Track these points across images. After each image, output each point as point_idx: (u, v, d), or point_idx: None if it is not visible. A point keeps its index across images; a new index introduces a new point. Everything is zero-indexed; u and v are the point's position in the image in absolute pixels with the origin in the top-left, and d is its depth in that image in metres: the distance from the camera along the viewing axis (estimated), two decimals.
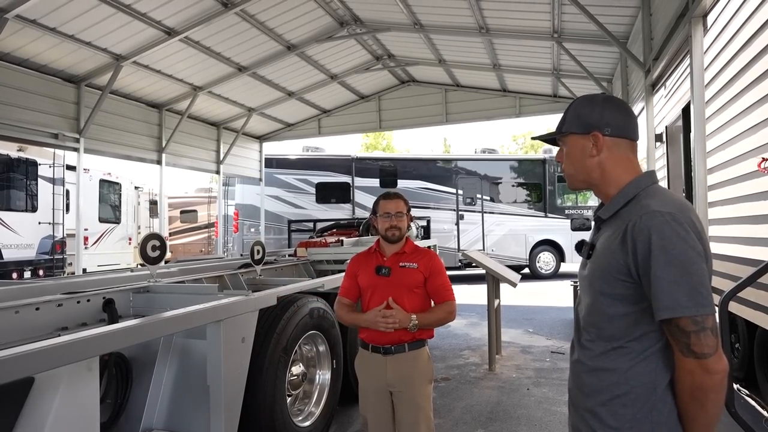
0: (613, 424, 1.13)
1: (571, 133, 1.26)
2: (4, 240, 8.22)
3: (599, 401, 1.16)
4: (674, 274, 1.03)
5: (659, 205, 1.10)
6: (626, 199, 1.18)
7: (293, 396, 3.23)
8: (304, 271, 5.38)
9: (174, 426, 2.69)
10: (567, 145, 1.28)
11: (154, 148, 8.96)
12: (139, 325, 2.09)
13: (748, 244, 3.60)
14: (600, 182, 1.24)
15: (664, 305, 1.04)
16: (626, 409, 1.12)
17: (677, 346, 1.05)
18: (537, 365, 5.27)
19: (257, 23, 7.33)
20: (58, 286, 3.21)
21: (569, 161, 1.28)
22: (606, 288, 1.15)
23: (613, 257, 1.13)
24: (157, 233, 3.36)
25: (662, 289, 1.04)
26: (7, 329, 2.42)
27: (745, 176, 3.63)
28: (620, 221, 1.15)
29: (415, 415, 2.23)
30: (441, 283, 2.34)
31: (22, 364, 1.58)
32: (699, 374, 1.03)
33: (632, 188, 1.19)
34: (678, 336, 1.04)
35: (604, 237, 1.20)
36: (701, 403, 1.06)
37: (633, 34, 6.27)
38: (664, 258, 1.04)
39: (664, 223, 1.06)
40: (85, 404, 2.02)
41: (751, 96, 3.48)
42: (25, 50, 6.49)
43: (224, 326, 2.49)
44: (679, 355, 1.05)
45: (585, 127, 1.23)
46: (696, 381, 1.04)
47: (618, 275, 1.12)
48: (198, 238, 16.65)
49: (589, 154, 1.23)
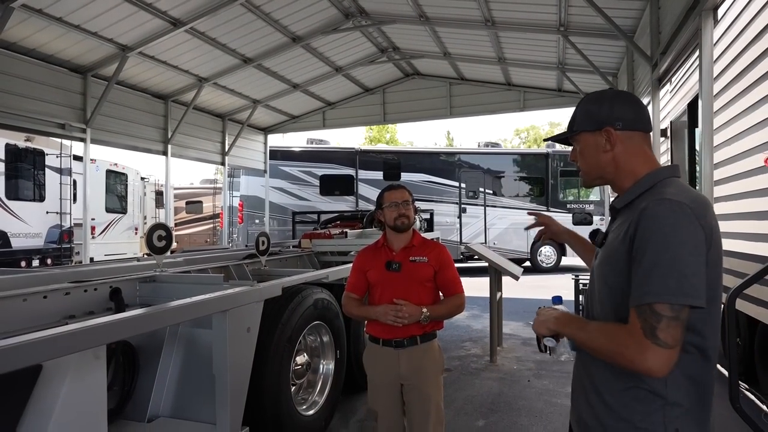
0: (625, 416, 1.10)
1: (583, 131, 1.25)
2: (12, 229, 8.25)
3: (611, 393, 1.13)
4: (677, 258, 0.99)
5: (673, 194, 1.07)
6: (642, 190, 1.15)
7: (297, 385, 3.24)
8: (309, 262, 5.37)
9: (180, 413, 2.70)
10: (580, 144, 1.27)
11: (159, 139, 8.94)
12: (146, 315, 2.09)
13: (754, 240, 3.56)
14: (615, 177, 1.23)
15: (652, 290, 0.99)
16: (638, 402, 1.09)
17: (641, 326, 0.99)
18: (538, 357, 5.27)
19: (263, 14, 7.27)
20: (66, 275, 3.21)
21: (583, 159, 1.27)
22: (612, 276, 1.13)
23: (621, 245, 1.11)
24: (163, 223, 3.35)
25: (655, 273, 1.00)
26: (15, 317, 2.42)
27: (751, 172, 3.58)
28: (633, 209, 1.13)
29: (426, 405, 2.22)
30: (451, 277, 2.32)
31: (30, 351, 1.58)
32: (644, 357, 0.98)
33: (649, 179, 1.16)
34: (648, 317, 0.99)
35: (616, 226, 1.19)
36: (611, 358, 1.06)
37: (640, 27, 6.19)
38: (663, 243, 1.01)
39: (671, 210, 1.03)
40: (92, 391, 2.02)
41: (760, 90, 3.43)
42: (32, 40, 6.45)
43: (230, 316, 2.49)
44: (638, 332, 1.00)
45: (596, 123, 1.22)
46: (635, 359, 0.99)
47: (623, 263, 1.09)
48: (203, 228, 16.69)
49: (602, 149, 1.21)
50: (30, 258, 8.46)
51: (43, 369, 1.87)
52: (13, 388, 1.80)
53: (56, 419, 1.89)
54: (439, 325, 2.32)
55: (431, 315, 2.20)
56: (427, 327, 2.25)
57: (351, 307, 2.36)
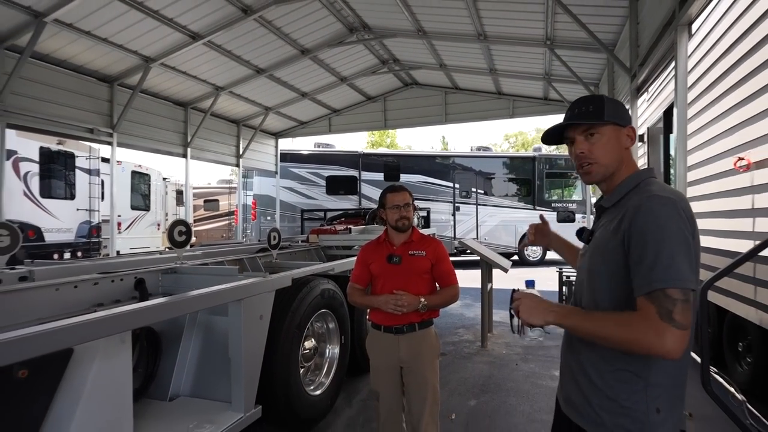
0: (611, 395, 1.10)
1: (613, 123, 1.19)
2: (46, 224, 8.24)
3: (599, 374, 1.13)
4: (674, 248, 0.99)
5: (659, 191, 1.08)
6: (627, 189, 1.16)
7: (306, 368, 3.24)
8: (316, 255, 5.37)
9: (199, 393, 2.70)
10: (604, 135, 1.19)
11: (180, 142, 8.92)
12: (168, 303, 2.09)
13: (724, 236, 3.55)
14: (616, 173, 1.21)
15: (660, 277, 0.98)
16: (623, 383, 1.09)
17: (657, 310, 0.96)
18: (525, 343, 5.27)
19: (274, 29, 7.25)
20: (94, 267, 3.21)
21: (604, 150, 1.18)
22: (602, 266, 1.13)
23: (612, 237, 1.11)
24: (183, 220, 3.34)
25: (660, 262, 0.99)
26: (49, 305, 2.42)
27: (722, 174, 3.57)
28: (621, 207, 1.13)
29: (423, 387, 2.22)
30: (446, 269, 2.32)
31: (62, 336, 1.58)
32: (664, 341, 0.95)
33: (634, 179, 1.17)
34: (663, 302, 0.97)
35: (605, 223, 1.18)
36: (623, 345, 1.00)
37: (620, 41, 6.16)
38: (661, 235, 1.01)
39: (662, 205, 1.04)
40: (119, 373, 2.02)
41: (730, 99, 3.41)
42: (63, 52, 6.44)
43: (244, 304, 2.49)
44: (654, 317, 0.96)
45: (625, 119, 1.20)
46: (654, 343, 0.96)
47: (614, 254, 1.09)
48: (219, 224, 16.67)
49: (624, 145, 1.20)
50: (62, 251, 8.45)
51: (74, 352, 1.87)
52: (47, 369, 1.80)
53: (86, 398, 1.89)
54: (435, 314, 2.32)
55: (428, 304, 2.20)
56: (424, 315, 2.24)
57: (355, 297, 2.36)
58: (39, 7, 5.39)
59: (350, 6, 7.32)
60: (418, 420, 2.20)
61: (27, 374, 1.65)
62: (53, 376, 1.83)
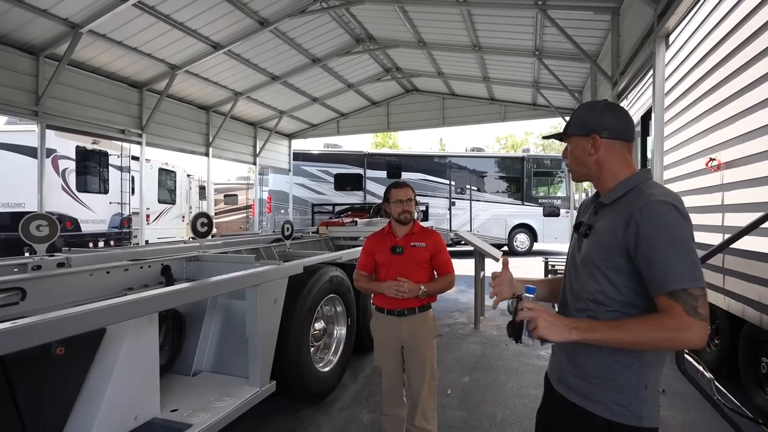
0: (607, 374, 1.10)
1: (574, 134, 1.21)
2: (82, 216, 8.25)
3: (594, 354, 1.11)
4: (688, 249, 1.00)
5: (662, 195, 1.05)
6: (627, 189, 1.13)
7: (315, 347, 3.24)
8: (325, 245, 5.36)
9: (219, 369, 2.71)
10: (571, 145, 1.23)
11: (202, 142, 8.90)
12: (191, 288, 2.08)
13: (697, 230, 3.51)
14: (598, 176, 1.19)
15: (679, 277, 0.98)
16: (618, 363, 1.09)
17: (684, 308, 0.97)
18: None
19: (288, 39, 7.19)
20: (125, 254, 3.21)
21: (572, 158, 1.23)
22: (602, 261, 1.10)
23: (614, 236, 1.08)
24: (205, 212, 3.33)
25: (674, 264, 0.99)
26: (84, 289, 2.42)
27: (695, 173, 3.53)
28: (623, 207, 1.10)
29: (422, 364, 2.21)
30: (444, 259, 2.30)
31: (96, 317, 1.57)
32: (693, 334, 0.96)
33: (632, 180, 1.14)
34: (687, 300, 0.97)
35: (606, 219, 1.14)
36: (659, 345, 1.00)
37: (603, 51, 6.08)
38: (671, 238, 1.00)
39: (668, 210, 1.02)
40: (147, 350, 2.03)
41: (703, 104, 3.36)
42: (98, 60, 6.41)
43: (260, 289, 2.48)
44: (682, 314, 0.97)
45: (585, 130, 1.18)
46: (686, 338, 0.97)
47: (615, 252, 1.08)
48: (238, 217, 16.69)
49: (588, 153, 1.18)
50: (96, 240, 8.47)
51: (107, 332, 1.87)
52: (82, 347, 1.80)
53: (117, 372, 1.89)
54: (433, 299, 2.31)
55: (427, 290, 2.19)
56: (423, 300, 2.23)
57: (361, 282, 2.35)
58: (76, 19, 5.36)
59: (357, 19, 7.25)
60: (417, 394, 2.20)
61: (64, 351, 1.65)
62: (88, 353, 1.83)
